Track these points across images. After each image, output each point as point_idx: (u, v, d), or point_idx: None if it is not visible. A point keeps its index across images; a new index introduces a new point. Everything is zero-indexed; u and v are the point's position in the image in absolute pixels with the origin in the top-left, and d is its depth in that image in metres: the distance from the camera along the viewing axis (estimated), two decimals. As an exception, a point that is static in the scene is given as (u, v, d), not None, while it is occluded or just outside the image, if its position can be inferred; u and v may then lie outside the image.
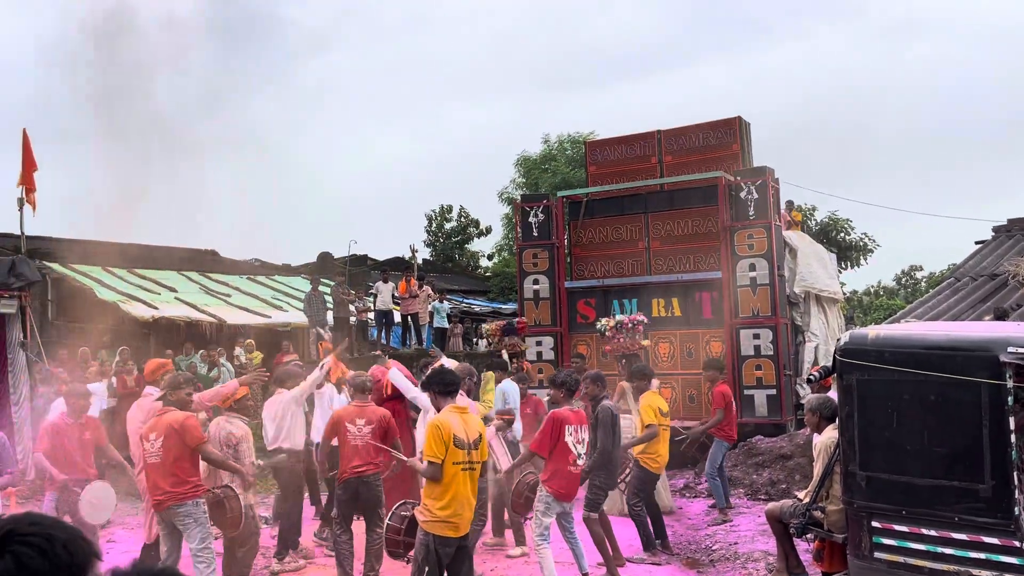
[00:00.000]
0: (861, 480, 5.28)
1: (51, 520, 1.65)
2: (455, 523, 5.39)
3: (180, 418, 6.10)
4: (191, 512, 6.08)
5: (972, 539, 4.83)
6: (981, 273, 14.12)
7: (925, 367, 4.98)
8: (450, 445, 5.33)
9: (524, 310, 14.53)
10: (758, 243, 12.60)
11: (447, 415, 5.50)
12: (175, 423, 6.07)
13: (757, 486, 10.72)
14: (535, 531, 6.85)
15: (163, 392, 6.42)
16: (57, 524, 1.64)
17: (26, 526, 1.59)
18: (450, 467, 5.35)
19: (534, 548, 6.92)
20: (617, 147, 14.86)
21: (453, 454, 5.34)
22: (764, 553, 7.88)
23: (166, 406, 6.29)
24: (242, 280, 23.10)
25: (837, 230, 27.69)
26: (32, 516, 1.65)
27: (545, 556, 6.73)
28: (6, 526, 1.59)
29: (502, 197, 33.51)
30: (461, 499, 5.39)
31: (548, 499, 6.80)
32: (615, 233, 14.24)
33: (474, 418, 5.76)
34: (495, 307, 26.79)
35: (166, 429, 6.06)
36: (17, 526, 1.58)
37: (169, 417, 6.13)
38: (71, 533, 1.63)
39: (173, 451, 6.03)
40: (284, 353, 16.80)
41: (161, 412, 6.25)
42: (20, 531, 1.57)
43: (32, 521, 1.61)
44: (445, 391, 5.64)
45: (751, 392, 12.48)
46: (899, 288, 46.91)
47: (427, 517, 5.39)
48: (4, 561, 1.53)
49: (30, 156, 15.06)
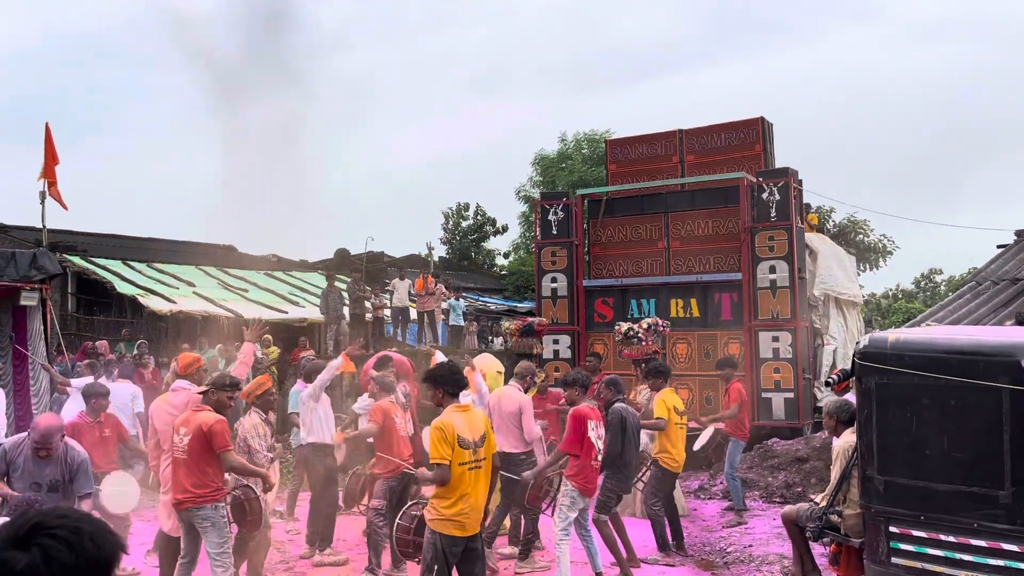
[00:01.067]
0: (879, 484, 5.23)
1: (79, 513, 1.66)
2: (462, 522, 5.37)
3: (211, 421, 6.02)
4: (210, 516, 6.03)
5: (991, 546, 4.77)
6: (1003, 277, 13.96)
7: (945, 371, 4.94)
8: (455, 446, 5.32)
9: (541, 308, 14.51)
10: (779, 245, 12.52)
11: (450, 416, 5.46)
12: (205, 425, 5.99)
13: (772, 489, 10.66)
14: (558, 526, 6.90)
15: (207, 388, 6.31)
16: (84, 517, 1.64)
17: (54, 519, 1.59)
18: (456, 468, 5.35)
19: (556, 543, 6.92)
20: (638, 146, 14.81)
21: (459, 455, 5.33)
22: (779, 556, 7.84)
23: (204, 403, 6.21)
24: (259, 276, 23.23)
25: (856, 232, 27.49)
26: (60, 509, 1.66)
27: (564, 552, 6.75)
28: (34, 519, 1.59)
29: (519, 195, 33.52)
30: (469, 498, 5.38)
31: (574, 494, 6.86)
32: (634, 232, 14.19)
33: (477, 415, 5.74)
34: (511, 305, 26.79)
35: (196, 429, 6.00)
36: (45, 519, 1.59)
37: (201, 417, 6.06)
38: (98, 526, 1.64)
39: (199, 452, 5.99)
40: (300, 349, 16.88)
41: (197, 409, 6.18)
42: (48, 524, 1.58)
43: (60, 514, 1.62)
44: (455, 391, 5.64)
45: (769, 395, 12.40)
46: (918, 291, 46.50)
47: (434, 516, 5.39)
48: (31, 554, 1.54)
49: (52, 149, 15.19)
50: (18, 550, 1.54)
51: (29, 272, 9.97)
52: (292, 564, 8.10)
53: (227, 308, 18.63)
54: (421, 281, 18.52)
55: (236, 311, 18.58)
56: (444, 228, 38.51)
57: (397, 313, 18.44)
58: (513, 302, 27.50)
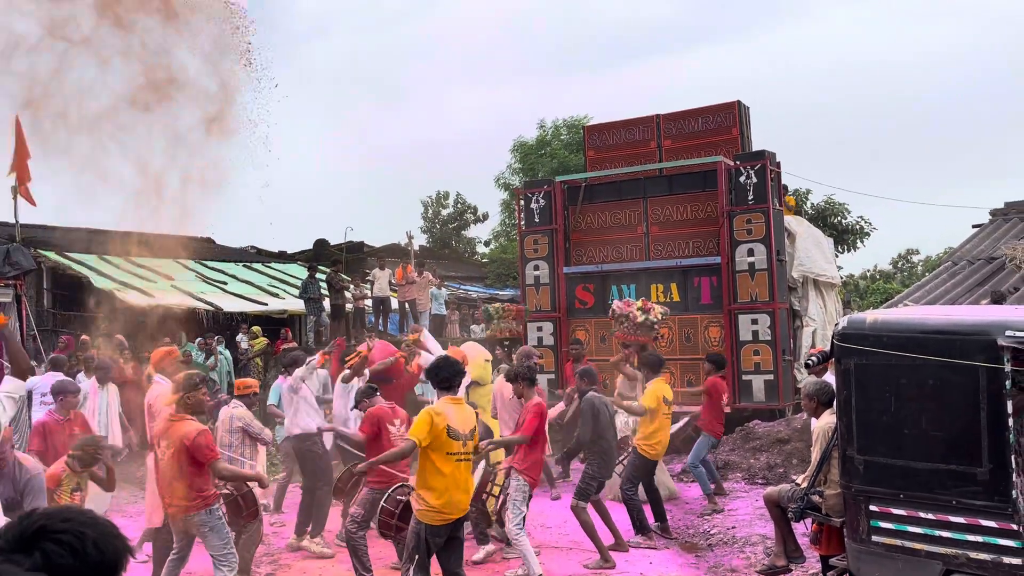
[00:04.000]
0: (859, 464, 5.28)
1: (84, 516, 1.63)
2: (447, 513, 5.46)
3: (192, 434, 5.73)
4: (206, 520, 5.86)
5: (970, 522, 4.83)
6: (978, 257, 14.12)
7: (923, 351, 4.98)
8: (443, 436, 5.37)
9: (526, 296, 14.53)
10: (757, 228, 12.58)
11: (444, 406, 5.54)
12: (187, 439, 5.71)
13: (754, 470, 10.75)
14: (513, 521, 6.82)
15: (179, 395, 5.98)
16: (89, 521, 1.62)
17: (58, 523, 1.57)
18: (447, 459, 5.39)
19: (513, 538, 6.88)
20: (616, 131, 14.81)
21: (448, 445, 5.40)
22: (762, 537, 7.92)
23: (179, 412, 5.92)
24: (238, 268, 23.06)
25: (833, 214, 27.64)
26: (65, 511, 1.64)
27: (525, 543, 6.74)
28: (38, 521, 1.57)
29: (498, 183, 33.47)
30: (456, 488, 5.46)
31: (525, 487, 6.86)
32: (614, 218, 14.20)
33: (468, 409, 5.82)
34: (492, 293, 26.78)
35: (178, 443, 5.73)
36: (49, 522, 1.57)
37: (181, 430, 5.77)
38: (102, 530, 1.61)
39: (183, 464, 5.75)
40: (283, 340, 16.81)
41: (175, 418, 5.89)
42: (52, 528, 1.56)
43: (64, 517, 1.60)
44: (451, 385, 5.66)
45: (749, 377, 12.48)
46: (895, 272, 46.88)
47: (421, 507, 5.45)
48: (34, 559, 1.52)
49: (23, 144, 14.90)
50: (22, 554, 1.52)
51: (3, 268, 9.87)
52: (277, 556, 8.09)
53: (206, 301, 18.49)
54: (401, 270, 18.46)
55: (215, 304, 18.45)
56: (424, 217, 38.46)
57: (378, 303, 18.38)
58: (494, 290, 27.48)
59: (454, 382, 5.71)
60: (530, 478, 6.91)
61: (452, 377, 5.69)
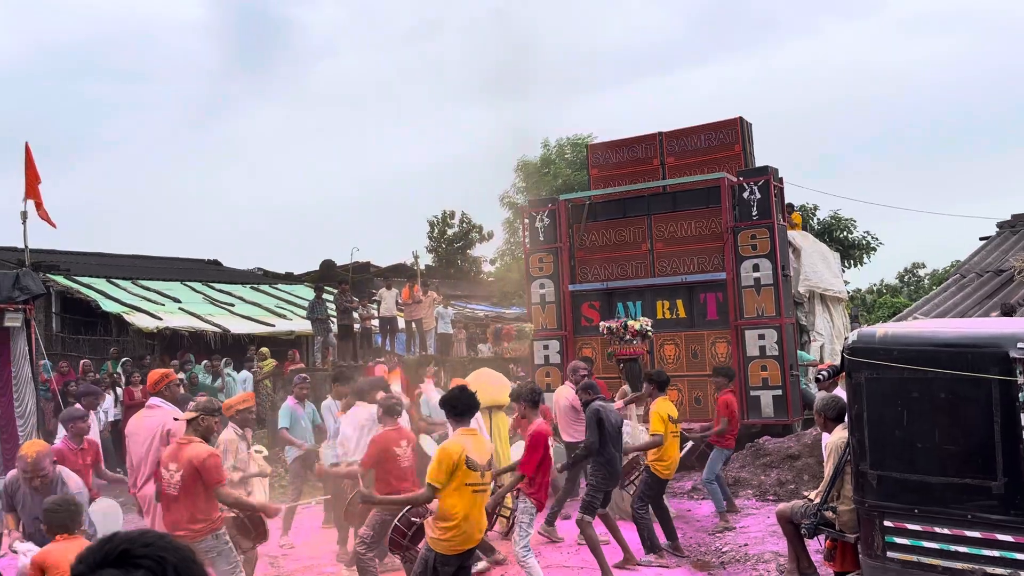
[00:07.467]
0: (872, 479, 5.25)
1: (164, 542, 1.62)
2: (460, 544, 5.43)
3: (203, 455, 5.69)
4: (213, 546, 5.78)
5: (986, 537, 4.79)
6: (987, 269, 14.10)
7: (934, 364, 4.96)
8: (461, 468, 5.34)
9: (532, 315, 14.55)
10: (761, 243, 12.58)
11: (460, 439, 5.51)
12: (196, 460, 5.66)
13: (765, 487, 10.68)
14: (520, 543, 6.74)
15: (194, 414, 5.91)
16: (169, 546, 1.61)
17: (139, 547, 1.57)
18: (464, 490, 5.37)
19: (520, 560, 6.83)
20: (619, 149, 14.86)
21: (466, 475, 5.37)
22: (775, 554, 7.85)
23: (189, 433, 5.87)
24: (245, 289, 23.13)
25: (840, 229, 27.61)
26: (146, 536, 1.63)
27: (534, 565, 6.69)
28: (120, 546, 1.57)
29: (503, 202, 33.51)
30: (472, 520, 5.43)
31: (532, 510, 6.83)
32: (618, 235, 14.22)
33: (484, 440, 5.81)
34: (498, 312, 26.78)
35: (187, 465, 5.67)
36: (132, 547, 1.57)
37: (191, 452, 5.71)
38: (181, 555, 1.61)
39: (191, 487, 5.68)
40: (290, 362, 16.82)
41: (184, 441, 5.82)
42: (135, 552, 1.56)
43: (145, 542, 1.59)
44: (464, 415, 5.64)
45: (757, 393, 12.44)
46: (902, 286, 46.77)
47: (435, 535, 5.42)
48: None
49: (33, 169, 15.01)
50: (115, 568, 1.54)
51: (12, 293, 9.87)
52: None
53: (214, 323, 18.54)
54: (408, 290, 18.49)
55: (223, 326, 18.49)
56: (429, 236, 38.47)
57: (385, 323, 18.40)
58: (500, 308, 27.49)
59: (469, 414, 5.69)
60: (537, 501, 6.88)
61: (468, 409, 5.66)
